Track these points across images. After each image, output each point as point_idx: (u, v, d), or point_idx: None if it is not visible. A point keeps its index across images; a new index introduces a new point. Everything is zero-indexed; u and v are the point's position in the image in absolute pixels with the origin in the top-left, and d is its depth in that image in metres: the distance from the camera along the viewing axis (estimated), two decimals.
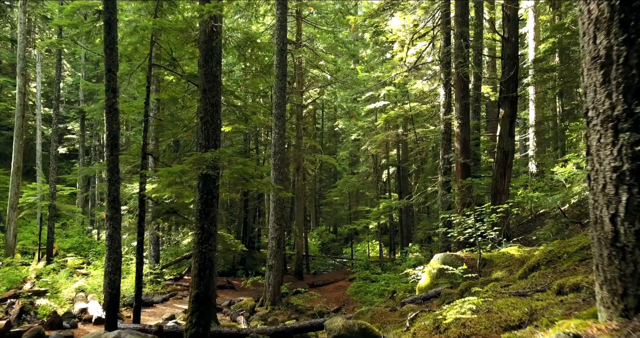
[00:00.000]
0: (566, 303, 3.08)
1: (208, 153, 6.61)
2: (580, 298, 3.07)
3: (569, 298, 3.22)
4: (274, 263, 14.33)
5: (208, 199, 6.92)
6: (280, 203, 14.55)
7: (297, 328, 8.24)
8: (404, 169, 25.06)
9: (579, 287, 3.34)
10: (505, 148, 12.30)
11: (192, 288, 6.79)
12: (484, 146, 20.79)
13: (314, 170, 27.19)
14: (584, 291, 3.23)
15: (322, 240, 35.15)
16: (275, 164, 14.53)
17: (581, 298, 3.08)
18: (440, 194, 12.94)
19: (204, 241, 6.85)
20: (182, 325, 9.91)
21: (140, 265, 9.09)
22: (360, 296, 16.90)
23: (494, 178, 12.45)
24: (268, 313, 13.81)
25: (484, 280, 6.86)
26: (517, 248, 8.77)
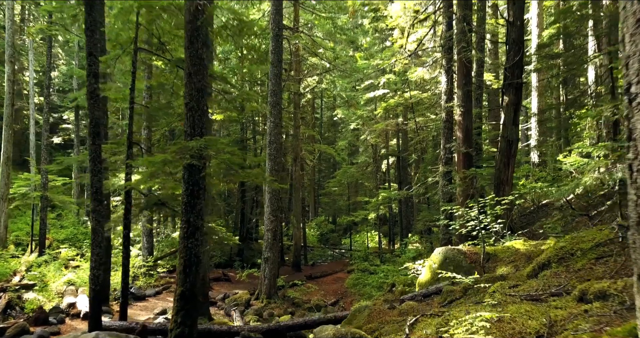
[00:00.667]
0: (593, 315, 2.65)
1: (192, 142, 6.15)
2: (609, 310, 2.65)
3: (594, 308, 2.79)
4: (269, 256, 13.94)
5: (194, 191, 6.47)
6: (276, 194, 14.11)
7: (290, 326, 7.85)
8: (404, 159, 24.60)
9: (605, 295, 2.91)
10: (509, 137, 11.83)
11: (177, 285, 6.37)
12: (486, 136, 20.30)
13: (312, 160, 26.72)
14: (612, 301, 2.80)
15: (321, 230, 34.80)
16: (271, 154, 14.07)
17: (611, 309, 2.65)
18: (441, 185, 12.49)
19: (190, 235, 6.42)
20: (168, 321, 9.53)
21: (127, 260, 8.66)
22: (359, 288, 16.54)
23: (497, 168, 11.99)
24: (263, 307, 13.45)
25: (489, 277, 6.44)
26: (523, 241, 8.34)
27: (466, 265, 7.85)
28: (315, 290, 16.13)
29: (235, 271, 20.52)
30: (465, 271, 7.77)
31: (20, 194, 19.68)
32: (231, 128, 28.28)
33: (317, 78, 24.82)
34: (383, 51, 23.79)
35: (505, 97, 12.00)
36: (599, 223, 8.61)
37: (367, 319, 6.79)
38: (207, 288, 11.09)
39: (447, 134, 12.91)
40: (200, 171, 6.48)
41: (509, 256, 7.67)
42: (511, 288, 4.51)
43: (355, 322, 6.98)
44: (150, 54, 9.55)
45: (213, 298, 13.82)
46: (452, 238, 12.10)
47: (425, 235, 20.60)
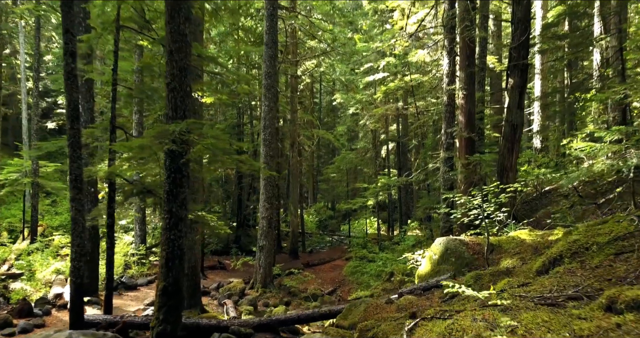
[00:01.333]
0: (629, 333, 2.20)
1: (172, 125, 5.65)
2: None
3: (628, 322, 2.34)
4: (265, 244, 13.54)
5: (176, 179, 5.99)
6: (271, 180, 13.64)
7: (282, 321, 7.44)
8: (404, 144, 24.09)
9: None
10: (513, 121, 11.32)
11: (159, 279, 5.94)
12: (488, 120, 19.77)
13: (310, 146, 26.20)
14: None
15: (319, 217, 34.46)
16: (265, 139, 13.56)
17: None
18: (442, 172, 12.02)
19: (173, 226, 5.96)
20: None
21: (111, 250, 8.24)
22: (357, 277, 16.20)
23: (501, 153, 11.51)
24: (258, 297, 13.09)
25: (493, 271, 6.00)
26: (528, 231, 7.90)
27: (468, 256, 7.43)
28: (312, 279, 15.77)
29: (232, 258, 20.19)
30: (467, 263, 7.36)
31: (12, 180, 19.19)
32: (227, 113, 27.72)
33: (316, 61, 24.19)
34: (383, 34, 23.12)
35: (510, 79, 11.45)
36: (609, 213, 8.16)
37: (362, 315, 6.38)
38: (199, 279, 10.70)
39: (449, 118, 12.39)
40: (182, 157, 5.99)
41: (514, 247, 7.24)
42: (521, 287, 4.06)
43: (351, 317, 6.57)
44: (135, 33, 8.98)
45: (207, 287, 13.46)
46: (453, 227, 11.68)
47: (425, 222, 20.20)
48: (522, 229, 8.28)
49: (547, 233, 7.48)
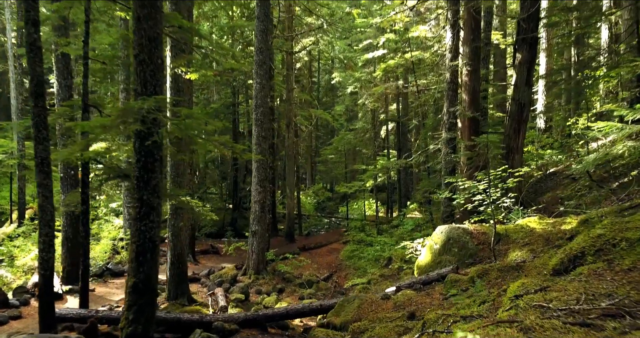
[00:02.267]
0: None
1: (138, 102, 4.95)
2: None
3: None
4: (257, 229, 12.95)
5: (147, 164, 5.32)
6: (264, 163, 12.97)
7: (270, 316, 6.88)
8: (404, 124, 23.33)
9: None
10: (520, 100, 10.60)
11: (128, 275, 5.34)
12: (492, 99, 18.99)
13: (307, 126, 25.45)
14: None
15: (317, 198, 33.89)
16: (257, 119, 12.84)
17: None
18: (443, 154, 11.34)
19: (144, 216, 5.32)
20: None
21: (86, 239, 7.64)
22: (354, 261, 15.68)
23: (507, 134, 10.82)
24: (251, 283, 12.58)
25: (502, 266, 5.38)
26: (538, 219, 7.28)
27: (472, 247, 6.82)
28: (308, 264, 15.26)
29: (226, 242, 19.69)
30: (471, 254, 6.75)
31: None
32: (222, 92, 26.86)
33: (314, 39, 23.23)
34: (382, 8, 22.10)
35: (517, 54, 10.68)
36: (627, 199, 7.52)
37: (356, 312, 5.80)
38: (185, 267, 10.14)
39: (452, 96, 11.64)
40: (160, 139, 5.31)
41: (523, 237, 6.62)
42: (540, 293, 3.43)
43: (343, 314, 6.00)
44: (110, 1, 8.19)
45: (197, 274, 12.93)
46: (454, 211, 11.07)
47: (425, 205, 19.61)
48: (530, 216, 7.65)
49: (559, 221, 6.85)
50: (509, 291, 3.86)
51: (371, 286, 12.04)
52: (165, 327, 7.01)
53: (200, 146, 5.73)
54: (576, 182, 12.26)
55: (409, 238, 14.80)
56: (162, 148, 5.51)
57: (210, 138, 5.56)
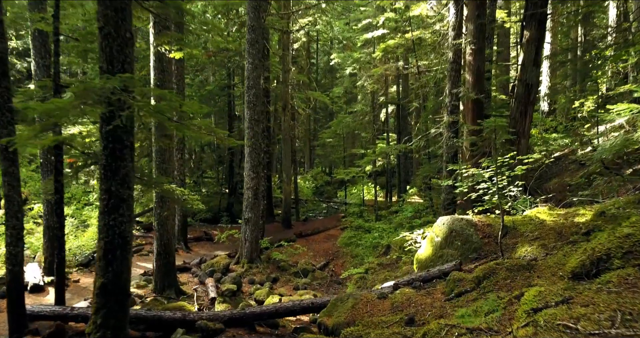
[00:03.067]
0: None
1: (101, 81, 4.35)
2: None
3: None
4: (251, 217, 12.44)
5: (115, 151, 4.74)
6: (257, 147, 12.38)
7: (258, 314, 6.38)
8: (404, 107, 22.65)
9: None
10: (528, 80, 9.98)
11: (96, 275, 4.81)
12: (495, 81, 18.30)
13: (305, 109, 24.75)
14: None
15: (316, 183, 33.38)
16: (249, 101, 12.20)
17: None
18: (445, 138, 10.74)
19: (113, 209, 4.77)
20: None
21: (61, 231, 7.10)
22: (352, 249, 15.23)
23: (512, 117, 10.22)
24: (244, 273, 12.12)
25: (511, 265, 4.85)
26: (547, 209, 6.73)
27: (477, 240, 6.28)
28: (304, 251, 14.79)
29: (221, 227, 19.24)
30: (475, 249, 6.22)
31: None
32: (217, 74, 26.07)
33: (312, 18, 22.36)
34: None
35: (525, 31, 10.00)
36: None
37: (350, 313, 5.29)
38: (173, 257, 9.64)
39: (454, 77, 10.98)
40: (123, 123, 4.72)
41: (533, 230, 6.08)
42: (561, 306, 2.89)
43: (336, 314, 5.49)
44: None
45: (188, 263, 12.46)
46: (456, 199, 10.53)
47: (425, 190, 19.08)
48: (539, 206, 7.10)
49: (571, 212, 6.30)
50: (524, 300, 3.32)
51: (368, 276, 11.59)
52: (146, 325, 6.53)
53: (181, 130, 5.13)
54: (584, 168, 11.70)
55: (408, 225, 14.31)
56: (133, 133, 4.92)
57: (187, 123, 4.98)
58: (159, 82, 9.13)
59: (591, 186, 8.48)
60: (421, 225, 13.86)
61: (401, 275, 10.92)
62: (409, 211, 15.35)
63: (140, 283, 9.73)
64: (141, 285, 9.67)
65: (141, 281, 9.81)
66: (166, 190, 7.54)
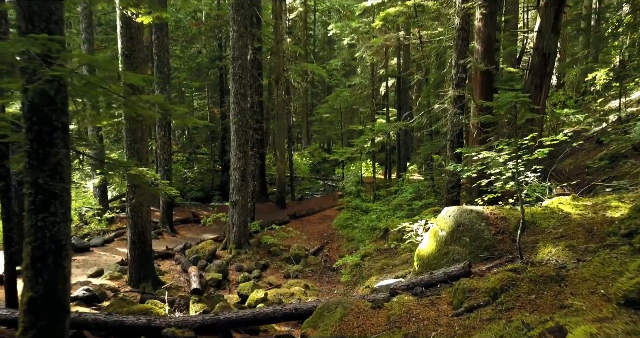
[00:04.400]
0: None
1: (19, 43, 3.34)
2: None
3: None
4: (238, 199, 11.54)
5: (42, 134, 3.77)
6: (244, 124, 11.36)
7: (233, 321, 5.52)
8: (405, 80, 21.45)
9: None
10: (545, 49, 8.89)
11: (24, 288, 3.91)
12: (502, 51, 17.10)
13: (300, 82, 23.50)
14: None
15: (313, 159, 32.37)
16: (235, 73, 11.11)
17: None
18: (450, 114, 9.70)
19: (41, 207, 3.83)
20: (89, 293, 7.27)
21: (7, 222, 6.20)
22: (348, 231, 14.41)
23: (526, 91, 9.17)
24: (232, 259, 11.31)
25: (535, 275, 3.93)
26: (571, 199, 5.78)
27: (489, 236, 5.36)
28: (297, 234, 13.96)
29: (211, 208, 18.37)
30: (487, 247, 5.31)
31: None
32: (208, 45, 24.70)
33: None
34: None
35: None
36: None
37: (338, 327, 4.41)
38: (149, 246, 8.76)
39: (461, 46, 9.85)
40: (52, 99, 3.73)
41: (556, 225, 5.15)
42: None
43: (322, 327, 4.62)
44: None
45: (171, 249, 11.62)
46: (462, 182, 9.60)
47: (426, 169, 18.13)
48: (561, 195, 6.16)
49: (600, 203, 5.35)
50: None
51: (365, 263, 10.78)
52: (107, 331, 5.69)
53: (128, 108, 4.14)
54: (602, 147, 10.72)
55: (407, 208, 13.43)
56: (67, 112, 3.92)
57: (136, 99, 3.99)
58: (127, 51, 8.06)
59: (614, 169, 7.51)
60: (422, 208, 12.98)
61: (399, 263, 10.09)
62: (409, 192, 14.44)
63: (115, 274, 8.88)
64: (115, 276, 8.83)
65: (115, 272, 8.96)
66: (135, 176, 6.58)
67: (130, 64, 8.09)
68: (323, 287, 10.16)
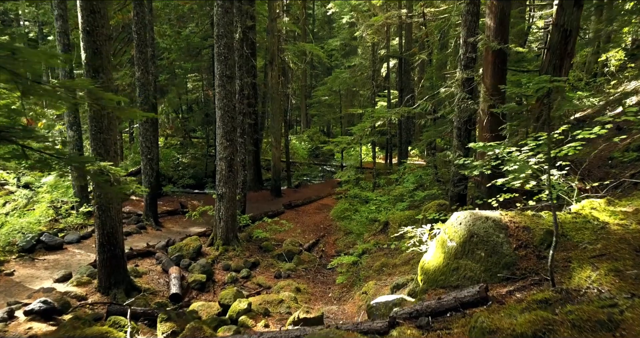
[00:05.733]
0: None
1: None
2: None
3: None
4: (225, 192, 10.61)
5: None
6: (230, 109, 10.36)
7: None
8: (407, 61, 20.29)
9: None
10: (566, 25, 7.82)
11: None
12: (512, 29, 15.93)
13: (297, 63, 22.36)
14: None
15: (312, 143, 31.36)
16: (220, 53, 10.05)
17: None
18: (458, 99, 8.67)
19: None
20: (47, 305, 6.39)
21: None
22: (346, 223, 13.52)
23: (543, 72, 8.13)
24: (218, 257, 10.46)
25: (578, 316, 3.00)
26: (605, 204, 4.83)
27: (509, 251, 4.42)
28: (291, 228, 13.09)
29: (205, 196, 17.46)
30: (507, 265, 4.38)
31: None
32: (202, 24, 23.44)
33: None
34: None
35: None
36: None
37: None
38: (119, 248, 7.81)
39: (471, 22, 8.76)
40: None
41: (592, 239, 4.20)
42: None
43: None
44: None
45: (152, 246, 10.73)
46: (471, 178, 8.63)
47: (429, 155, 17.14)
48: (593, 198, 5.19)
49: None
50: None
51: (362, 261, 9.92)
52: None
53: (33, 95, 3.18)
54: (622, 133, 9.71)
55: (409, 199, 12.50)
56: None
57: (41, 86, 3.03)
58: (89, 27, 7.02)
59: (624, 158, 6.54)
60: (425, 199, 12.07)
61: (400, 263, 9.20)
62: (410, 182, 13.50)
63: (83, 279, 7.99)
64: (83, 282, 7.93)
65: (84, 277, 8.06)
66: (91, 172, 5.65)
67: (92, 42, 7.06)
68: (317, 289, 9.31)
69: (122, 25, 16.86)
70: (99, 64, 7.19)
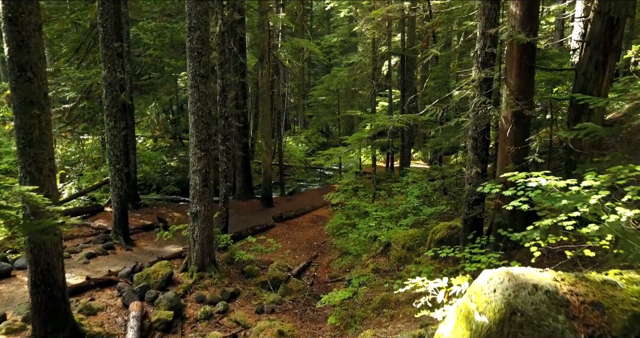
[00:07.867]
0: None
1: None
2: None
3: None
4: (199, 210, 9.12)
5: None
6: (205, 114, 8.86)
7: None
8: (410, 59, 18.76)
9: None
10: (612, 13, 6.35)
11: None
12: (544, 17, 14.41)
13: (292, 61, 20.84)
14: None
15: (310, 145, 29.87)
16: (192, 48, 8.55)
17: None
18: (474, 104, 7.16)
19: None
20: None
21: None
22: (342, 241, 12.03)
23: (582, 72, 6.66)
24: (191, 286, 8.99)
25: None
26: None
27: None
28: (279, 248, 11.60)
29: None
30: None
31: None
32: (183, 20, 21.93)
33: None
34: None
35: None
36: None
37: None
38: (59, 289, 6.36)
39: (490, 11, 7.23)
40: None
41: None
42: None
43: None
44: None
45: (115, 273, 9.23)
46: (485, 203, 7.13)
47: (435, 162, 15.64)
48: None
49: None
50: None
51: (359, 294, 8.46)
52: None
53: None
54: None
55: (414, 217, 11.00)
56: None
57: None
58: (12, 13, 5.56)
59: None
60: (431, 217, 10.58)
61: (404, 300, 7.73)
62: (414, 194, 11.99)
63: (15, 326, 6.50)
64: (14, 329, 6.45)
65: (17, 322, 6.57)
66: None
67: (16, 32, 5.59)
68: (305, 330, 7.83)
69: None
70: (25, 59, 5.71)
